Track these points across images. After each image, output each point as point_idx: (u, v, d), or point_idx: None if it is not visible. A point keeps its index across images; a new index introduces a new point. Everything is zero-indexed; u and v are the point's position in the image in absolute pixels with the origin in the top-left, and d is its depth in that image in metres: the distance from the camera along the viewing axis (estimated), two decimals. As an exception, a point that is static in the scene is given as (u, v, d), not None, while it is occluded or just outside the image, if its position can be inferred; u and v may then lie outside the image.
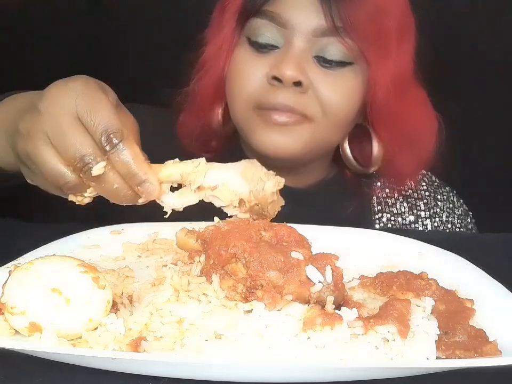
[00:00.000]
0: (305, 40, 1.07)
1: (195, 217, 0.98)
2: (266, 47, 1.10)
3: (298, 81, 1.05)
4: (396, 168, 1.26)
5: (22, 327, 0.68)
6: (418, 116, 1.22)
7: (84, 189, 0.76)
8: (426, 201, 1.32)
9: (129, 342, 0.67)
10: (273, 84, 1.07)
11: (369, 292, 0.82)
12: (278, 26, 1.08)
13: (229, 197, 0.77)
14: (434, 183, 1.37)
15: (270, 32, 1.09)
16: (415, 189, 1.33)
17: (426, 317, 0.73)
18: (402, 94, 1.15)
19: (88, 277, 0.72)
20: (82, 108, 0.73)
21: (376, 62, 1.10)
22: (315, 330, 0.67)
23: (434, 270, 0.86)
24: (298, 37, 1.07)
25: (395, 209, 1.31)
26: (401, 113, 1.17)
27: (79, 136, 0.72)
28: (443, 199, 1.34)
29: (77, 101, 0.73)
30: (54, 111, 0.73)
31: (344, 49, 1.07)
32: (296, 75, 1.05)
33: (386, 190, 1.32)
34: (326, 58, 1.08)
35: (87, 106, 0.73)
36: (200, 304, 0.72)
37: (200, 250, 0.82)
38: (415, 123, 1.21)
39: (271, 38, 1.10)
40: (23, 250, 0.88)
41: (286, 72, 1.04)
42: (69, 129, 0.73)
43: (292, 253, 0.76)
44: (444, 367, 0.65)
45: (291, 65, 1.05)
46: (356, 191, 1.29)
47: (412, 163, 1.26)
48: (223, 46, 1.15)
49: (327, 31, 1.06)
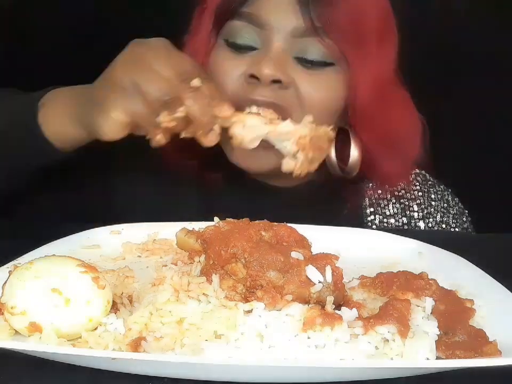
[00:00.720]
0: (284, 40, 1.06)
1: (195, 217, 0.98)
2: (244, 48, 1.09)
3: (277, 79, 1.04)
4: (381, 171, 1.24)
5: (22, 327, 0.68)
6: (400, 117, 1.20)
7: (178, 106, 0.88)
8: (419, 201, 1.30)
9: (129, 342, 0.67)
10: (251, 83, 1.06)
11: (369, 292, 0.82)
12: (256, 28, 1.07)
13: (291, 132, 0.93)
14: (428, 182, 1.35)
15: (248, 33, 1.08)
16: (408, 189, 1.31)
17: (426, 317, 0.73)
18: (384, 95, 1.14)
19: (88, 277, 0.72)
20: (171, 48, 0.92)
21: (356, 63, 1.09)
22: (315, 330, 0.67)
23: (434, 270, 0.86)
24: (278, 37, 1.06)
25: (387, 211, 1.29)
26: (382, 115, 1.16)
27: (179, 59, 0.91)
28: (437, 198, 1.33)
29: (165, 44, 0.93)
30: (149, 49, 0.91)
31: (325, 49, 1.06)
32: (274, 73, 1.04)
33: (378, 191, 1.30)
34: (307, 59, 1.07)
35: (173, 55, 0.92)
36: (200, 304, 0.72)
37: (200, 250, 0.82)
38: (397, 124, 1.20)
39: (249, 39, 1.08)
40: (23, 250, 0.88)
41: (264, 70, 1.03)
42: (169, 55, 0.91)
43: (292, 253, 0.76)
44: (444, 367, 0.65)
45: (269, 64, 1.04)
46: (347, 194, 1.28)
47: (396, 165, 1.24)
48: (200, 50, 1.14)
49: (306, 31, 1.05)
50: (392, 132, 1.19)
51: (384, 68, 1.14)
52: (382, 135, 1.18)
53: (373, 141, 1.19)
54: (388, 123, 1.18)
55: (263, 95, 1.05)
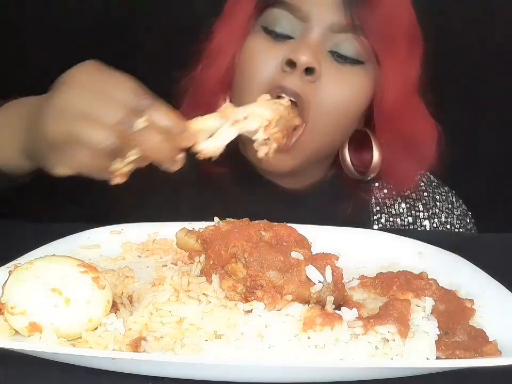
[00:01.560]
0: (321, 33, 1.08)
1: (195, 217, 0.98)
2: (282, 37, 1.11)
3: (312, 67, 1.06)
4: (395, 175, 1.26)
5: (22, 327, 0.68)
6: (420, 124, 1.22)
7: (127, 152, 0.78)
8: (424, 201, 1.32)
9: (129, 342, 0.67)
10: (286, 70, 1.07)
11: (369, 292, 0.82)
12: (296, 18, 1.09)
13: (259, 121, 0.89)
14: (433, 183, 1.37)
15: (288, 23, 1.10)
16: (413, 190, 1.33)
17: (426, 317, 0.73)
18: (408, 101, 1.16)
19: (88, 277, 0.72)
20: (107, 80, 0.78)
21: (388, 63, 1.10)
22: (315, 330, 0.67)
23: (434, 270, 0.86)
24: (316, 30, 1.08)
25: (393, 210, 1.30)
26: (405, 118, 1.18)
27: (114, 103, 0.76)
28: (442, 199, 1.34)
29: (99, 75, 0.78)
30: (80, 88, 0.77)
31: (359, 46, 1.08)
32: (311, 60, 1.05)
33: (385, 190, 1.31)
34: (340, 54, 1.09)
35: (110, 79, 0.78)
36: (200, 304, 0.72)
37: (200, 250, 0.82)
38: (417, 131, 1.21)
39: (288, 29, 1.10)
40: (23, 250, 0.88)
41: (301, 56, 1.05)
42: (100, 100, 0.76)
43: (291, 253, 0.76)
44: (444, 367, 0.65)
45: (307, 52, 1.05)
46: (354, 193, 1.29)
47: (411, 170, 1.26)
48: (236, 33, 1.15)
49: (344, 27, 1.07)
50: (412, 136, 1.21)
51: (412, 73, 1.16)
52: (402, 138, 1.20)
53: (392, 145, 1.20)
54: (409, 127, 1.19)
55: (293, 83, 1.06)
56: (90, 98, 0.76)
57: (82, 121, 0.75)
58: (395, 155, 1.21)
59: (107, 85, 0.77)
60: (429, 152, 1.22)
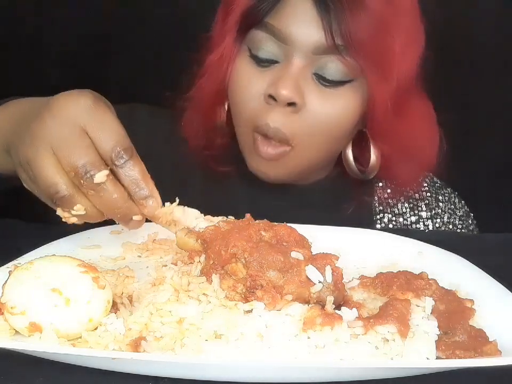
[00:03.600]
0: (304, 57, 1.06)
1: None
2: (266, 62, 1.09)
3: (292, 102, 1.05)
4: (396, 177, 1.27)
5: (22, 327, 0.68)
6: (418, 130, 1.20)
7: (73, 204, 0.76)
8: (427, 202, 1.32)
9: (129, 342, 0.67)
10: (269, 103, 1.07)
11: (369, 292, 0.82)
12: (278, 42, 1.07)
13: None
14: (436, 184, 1.37)
15: (270, 46, 1.08)
16: (416, 190, 1.33)
17: (426, 317, 0.73)
18: (402, 109, 1.14)
19: (88, 277, 0.72)
20: (93, 121, 0.75)
21: (375, 81, 1.07)
22: (315, 330, 0.67)
23: (434, 270, 0.86)
24: (298, 54, 1.06)
25: (396, 209, 1.31)
26: (400, 128, 1.16)
27: (84, 146, 0.75)
28: (444, 200, 1.35)
29: (88, 114, 0.76)
30: (61, 121, 0.75)
31: (344, 68, 1.05)
32: (291, 96, 1.04)
33: (388, 190, 1.32)
34: (325, 78, 1.07)
35: (98, 121, 0.76)
36: (200, 304, 0.72)
37: (200, 250, 0.82)
38: (416, 137, 1.20)
39: (271, 53, 1.08)
40: (23, 250, 0.88)
41: (281, 91, 1.04)
42: (74, 139, 0.75)
43: (292, 253, 0.76)
44: (444, 367, 0.65)
45: (287, 84, 1.04)
46: (357, 192, 1.29)
47: (411, 174, 1.26)
48: (225, 55, 1.14)
49: (327, 49, 1.04)
50: (410, 144, 1.20)
51: (404, 81, 1.12)
52: (399, 146, 1.19)
53: (389, 151, 1.20)
54: (406, 136, 1.18)
55: (275, 120, 1.06)
56: (64, 133, 0.74)
57: (44, 154, 0.74)
58: (394, 159, 1.21)
59: (91, 124, 0.76)
60: (430, 153, 1.22)
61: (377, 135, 1.17)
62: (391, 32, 1.07)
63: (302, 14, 1.05)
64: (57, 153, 0.74)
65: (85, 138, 0.75)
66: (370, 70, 1.06)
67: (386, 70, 1.08)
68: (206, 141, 1.24)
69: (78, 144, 0.74)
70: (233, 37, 1.13)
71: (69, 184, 0.75)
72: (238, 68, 1.13)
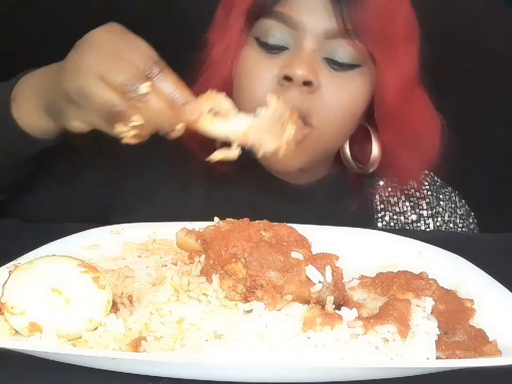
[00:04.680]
0: (315, 42, 1.07)
1: (195, 217, 0.98)
2: (276, 49, 1.10)
3: (308, 80, 1.05)
4: (398, 169, 1.27)
5: (22, 327, 0.68)
6: (422, 118, 1.22)
7: (129, 117, 0.83)
8: (428, 200, 1.32)
9: (129, 342, 0.67)
10: (283, 84, 1.07)
11: (369, 292, 0.82)
12: (288, 28, 1.08)
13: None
14: (436, 183, 1.37)
15: (280, 33, 1.09)
16: (417, 188, 1.33)
17: (426, 317, 0.73)
18: (409, 96, 1.16)
19: (88, 277, 0.72)
20: (124, 43, 0.84)
21: (385, 64, 1.10)
22: (315, 330, 0.67)
23: (434, 270, 0.86)
24: (309, 38, 1.07)
25: (397, 208, 1.31)
26: (407, 115, 1.17)
27: (123, 66, 0.82)
28: (445, 198, 1.35)
29: (117, 39, 0.85)
30: (98, 48, 0.84)
31: (354, 51, 1.07)
32: (307, 74, 1.05)
33: (389, 189, 1.32)
34: (336, 61, 1.08)
35: (128, 42, 0.85)
36: (200, 304, 0.72)
37: (200, 250, 0.82)
38: (420, 125, 1.22)
39: (281, 40, 1.09)
40: (23, 250, 0.88)
41: (297, 71, 1.04)
42: (114, 61, 0.82)
43: (292, 253, 0.76)
44: (444, 367, 0.65)
45: (303, 65, 1.05)
46: (358, 190, 1.30)
47: (414, 164, 1.26)
48: (231, 47, 1.14)
49: (337, 33, 1.06)
50: (414, 132, 1.21)
51: (410, 68, 1.15)
52: (404, 133, 1.20)
53: (394, 140, 1.20)
54: (411, 121, 1.19)
55: (292, 98, 1.06)
56: (103, 57, 0.82)
57: (93, 79, 0.81)
58: (398, 149, 1.21)
59: (122, 46, 0.84)
60: (433, 145, 1.22)
61: (384, 121, 1.17)
62: (397, 17, 1.10)
63: (311, 0, 1.06)
64: (103, 76, 0.81)
65: (122, 59, 0.83)
66: (379, 53, 1.08)
67: (394, 54, 1.10)
68: (207, 144, 1.23)
69: (118, 65, 0.82)
70: (240, 28, 1.13)
71: (121, 98, 0.82)
72: (246, 56, 1.13)
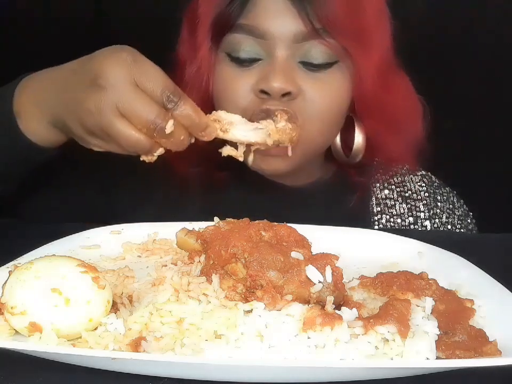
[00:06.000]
0: (286, 48, 1.05)
1: (195, 217, 0.98)
2: (248, 61, 1.08)
3: (287, 92, 1.04)
4: (385, 154, 1.27)
5: (22, 327, 0.68)
6: (402, 101, 1.22)
7: (155, 149, 0.88)
8: (425, 202, 1.32)
9: (129, 342, 0.67)
10: (262, 97, 1.06)
11: (369, 292, 0.82)
12: (256, 39, 1.06)
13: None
14: (434, 183, 1.37)
15: (249, 46, 1.07)
16: (414, 190, 1.33)
17: (426, 317, 0.73)
18: (387, 83, 1.16)
19: (88, 277, 0.72)
20: (139, 74, 0.83)
21: (360, 56, 1.09)
22: (315, 330, 0.67)
23: (434, 270, 0.86)
24: (280, 46, 1.05)
25: (394, 210, 1.30)
26: (387, 102, 1.18)
27: (145, 102, 0.83)
28: (443, 199, 1.34)
29: (132, 70, 0.83)
30: (116, 84, 0.82)
31: (327, 49, 1.06)
32: (284, 86, 1.03)
33: (385, 191, 1.31)
34: (312, 63, 1.07)
35: (142, 73, 0.84)
36: (200, 304, 0.72)
37: (200, 250, 0.82)
38: (400, 109, 1.22)
39: (252, 52, 1.07)
40: (23, 250, 0.88)
41: (273, 84, 1.03)
42: (135, 98, 0.82)
43: (292, 253, 0.76)
44: (444, 367, 0.65)
45: (278, 77, 1.03)
46: (354, 184, 1.29)
47: (400, 147, 1.26)
48: (202, 67, 1.12)
49: (307, 35, 1.04)
50: (395, 115, 1.21)
51: (384, 56, 1.15)
52: (386, 119, 1.20)
53: (377, 126, 1.21)
54: (391, 107, 1.20)
55: (275, 105, 1.05)
56: (123, 95, 0.82)
57: (116, 118, 0.82)
58: (382, 135, 1.22)
59: (138, 77, 0.83)
60: (415, 126, 1.23)
61: (365, 111, 1.18)
62: (365, 7, 1.10)
63: (274, 6, 1.05)
64: (126, 114, 0.82)
65: (142, 94, 0.83)
66: (352, 47, 1.07)
67: (367, 44, 1.10)
68: (195, 158, 1.22)
69: (140, 102, 0.82)
70: (208, 47, 1.11)
71: (147, 138, 0.84)
72: (220, 73, 1.12)
